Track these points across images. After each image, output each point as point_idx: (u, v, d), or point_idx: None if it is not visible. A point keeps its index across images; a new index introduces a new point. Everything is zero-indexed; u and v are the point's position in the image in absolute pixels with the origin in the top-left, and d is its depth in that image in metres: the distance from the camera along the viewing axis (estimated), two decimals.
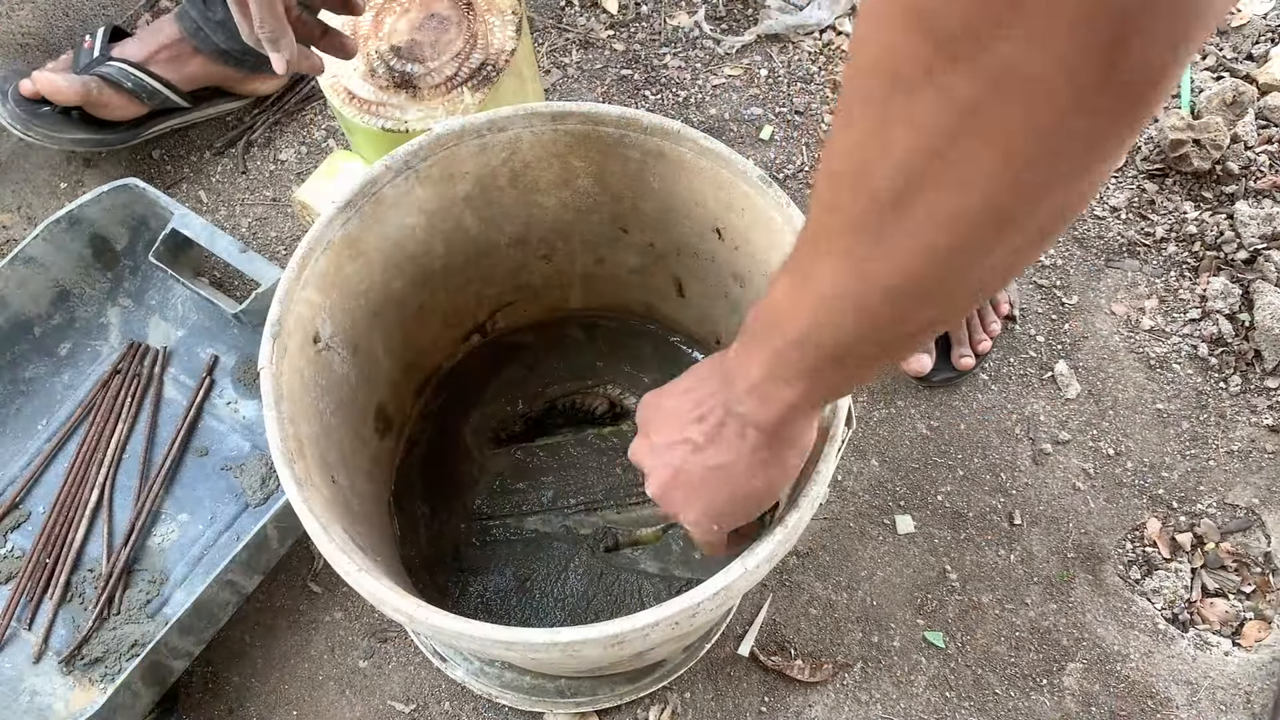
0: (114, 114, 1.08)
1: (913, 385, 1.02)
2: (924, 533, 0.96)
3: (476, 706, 0.91)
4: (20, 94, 1.05)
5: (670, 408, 0.55)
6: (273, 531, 0.87)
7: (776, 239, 0.67)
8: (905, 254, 0.36)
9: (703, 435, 0.52)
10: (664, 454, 0.54)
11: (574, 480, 0.85)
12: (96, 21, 1.19)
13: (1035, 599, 0.93)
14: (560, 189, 0.75)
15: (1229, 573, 0.94)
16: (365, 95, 0.89)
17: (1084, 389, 1.02)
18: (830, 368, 0.44)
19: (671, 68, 1.19)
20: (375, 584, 0.55)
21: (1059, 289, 1.06)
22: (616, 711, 0.90)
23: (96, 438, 0.98)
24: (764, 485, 0.53)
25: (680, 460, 0.53)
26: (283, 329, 0.63)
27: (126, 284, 1.05)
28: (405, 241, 0.73)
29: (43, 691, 0.89)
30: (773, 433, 0.50)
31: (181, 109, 1.12)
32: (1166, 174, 1.10)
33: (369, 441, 0.79)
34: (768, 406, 0.48)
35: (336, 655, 0.93)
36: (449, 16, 0.92)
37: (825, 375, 0.45)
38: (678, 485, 0.55)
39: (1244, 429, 0.99)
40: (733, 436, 0.51)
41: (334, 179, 0.99)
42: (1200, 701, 0.89)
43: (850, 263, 0.38)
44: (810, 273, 0.41)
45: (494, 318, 0.89)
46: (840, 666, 0.91)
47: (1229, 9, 0.69)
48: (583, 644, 0.52)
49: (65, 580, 0.92)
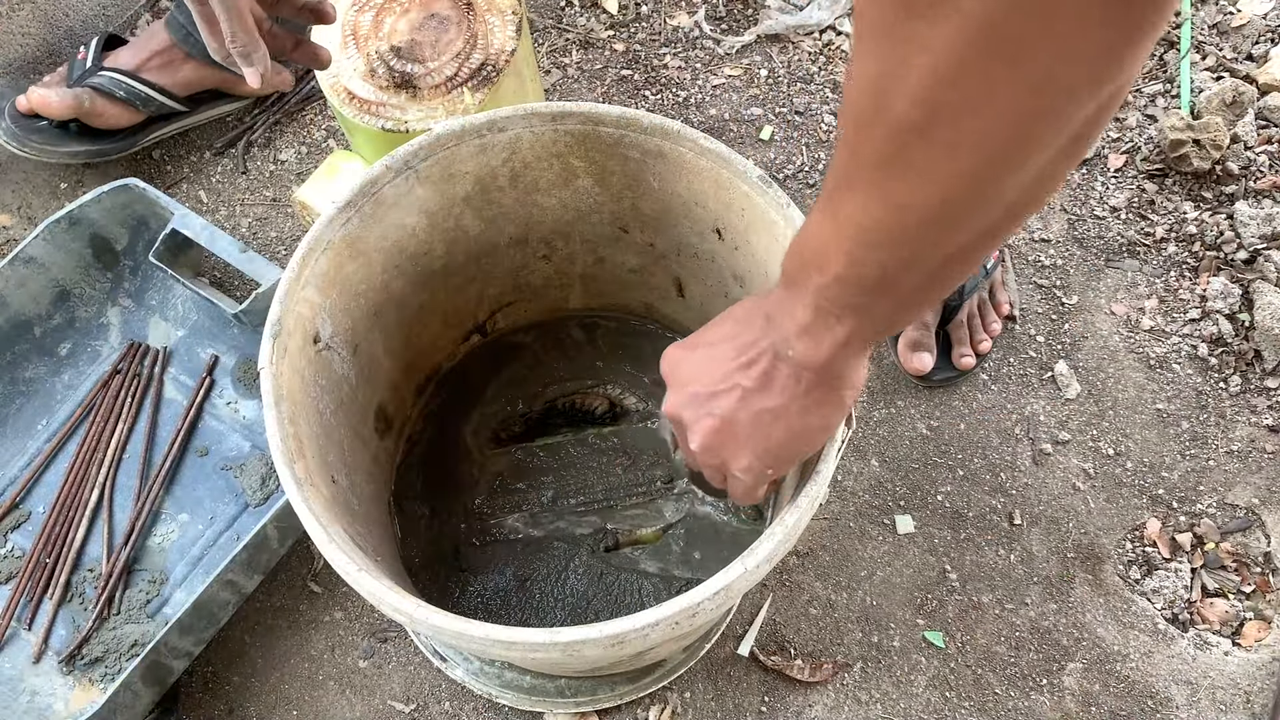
0: (110, 123, 1.08)
1: (913, 385, 1.02)
2: (924, 533, 0.96)
3: (476, 706, 0.91)
4: (16, 110, 1.06)
5: (708, 357, 0.54)
6: (273, 531, 0.87)
7: (776, 239, 0.67)
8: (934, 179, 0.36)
9: (753, 381, 0.51)
10: (708, 404, 0.53)
11: (574, 480, 0.85)
12: (97, 21, 1.19)
13: (1035, 599, 0.93)
14: (560, 189, 0.75)
15: (1229, 573, 0.94)
16: (365, 95, 0.89)
17: (1084, 389, 1.02)
18: (876, 301, 0.44)
19: (671, 68, 1.19)
20: (375, 584, 0.55)
21: (1059, 289, 1.06)
22: (616, 711, 0.90)
23: (96, 438, 0.98)
24: (820, 424, 0.52)
25: (728, 408, 0.52)
26: (283, 329, 0.63)
27: (126, 284, 1.05)
28: (405, 241, 0.73)
29: (43, 691, 0.89)
30: (826, 372, 0.49)
31: (179, 113, 1.12)
32: (1166, 174, 1.10)
33: (369, 441, 0.79)
34: (819, 347, 0.47)
35: (336, 655, 0.93)
36: (449, 16, 0.92)
37: (873, 310, 0.44)
38: (728, 434, 0.53)
39: (1244, 429, 0.99)
40: (786, 380, 0.50)
41: (334, 179, 0.99)
42: (1200, 701, 0.89)
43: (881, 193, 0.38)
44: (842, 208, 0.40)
45: (494, 318, 0.89)
46: (840, 666, 0.91)
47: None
48: (583, 644, 0.52)
49: (65, 580, 0.92)
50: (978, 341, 1.00)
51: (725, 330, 0.54)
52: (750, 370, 0.51)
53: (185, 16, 1.05)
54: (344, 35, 0.92)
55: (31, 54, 1.15)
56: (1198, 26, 1.17)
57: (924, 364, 0.98)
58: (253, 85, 0.70)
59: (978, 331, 1.00)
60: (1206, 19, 1.17)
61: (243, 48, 0.69)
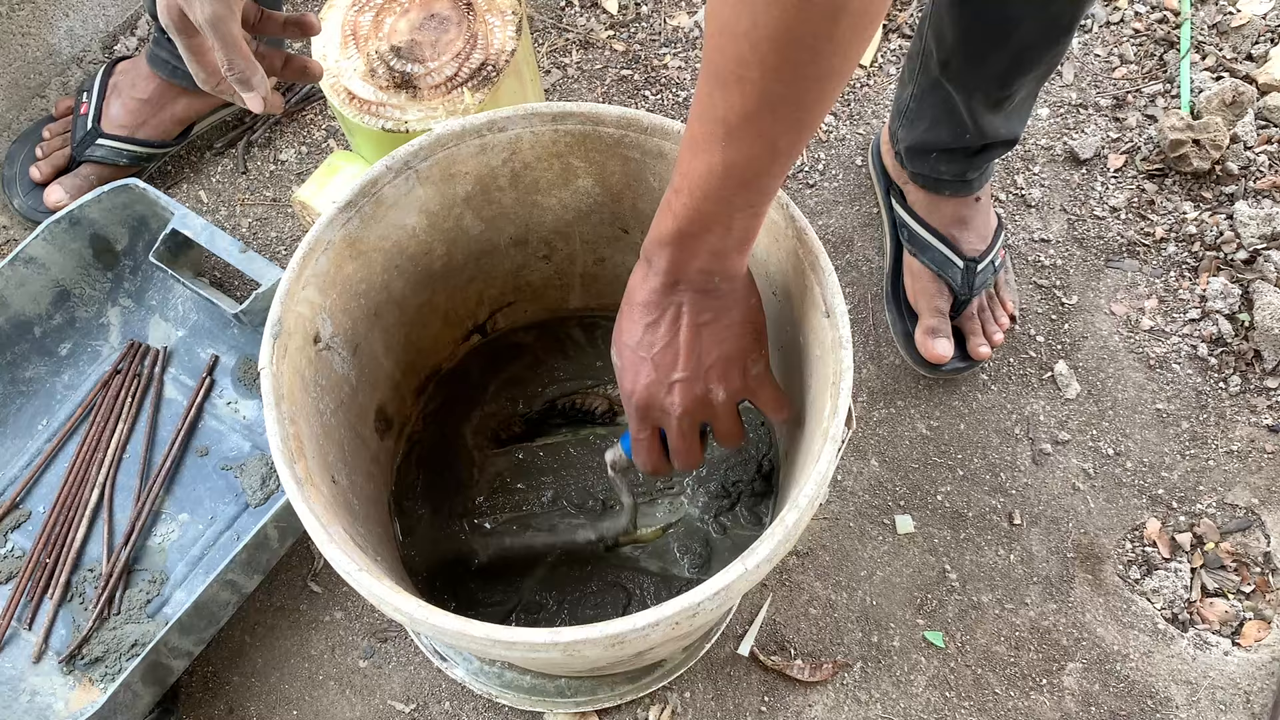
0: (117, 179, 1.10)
1: (913, 385, 1.02)
2: (924, 533, 0.96)
3: (476, 706, 0.91)
4: (30, 182, 1.10)
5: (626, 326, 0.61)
6: (273, 531, 0.87)
7: (776, 239, 0.67)
8: (769, 68, 0.46)
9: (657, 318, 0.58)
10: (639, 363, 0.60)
11: (574, 480, 0.85)
12: (96, 21, 1.19)
13: (1035, 599, 0.93)
14: (560, 189, 0.75)
15: (1228, 573, 0.94)
16: (365, 95, 0.89)
17: (1084, 389, 1.02)
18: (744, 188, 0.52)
19: (671, 68, 1.19)
20: (375, 584, 0.55)
21: (1059, 289, 1.06)
22: (616, 711, 0.90)
23: (96, 438, 0.98)
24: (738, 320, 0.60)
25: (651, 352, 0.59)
26: (283, 329, 0.63)
27: (126, 284, 1.05)
28: (405, 241, 0.73)
29: (43, 691, 0.89)
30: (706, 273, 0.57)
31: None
32: (1166, 174, 1.10)
33: (369, 441, 0.79)
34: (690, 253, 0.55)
35: (336, 655, 0.93)
36: (449, 16, 0.92)
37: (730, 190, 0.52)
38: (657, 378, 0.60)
39: (1244, 429, 0.99)
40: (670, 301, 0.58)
41: (334, 179, 0.99)
42: (1200, 701, 0.89)
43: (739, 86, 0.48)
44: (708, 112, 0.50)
45: (494, 318, 0.89)
46: (840, 666, 0.91)
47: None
48: (583, 644, 0.52)
49: (65, 580, 0.92)
50: (991, 333, 1.00)
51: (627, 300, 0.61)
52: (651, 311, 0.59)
53: (168, 51, 1.05)
54: (344, 35, 0.92)
55: (31, 54, 1.15)
56: (1198, 26, 1.17)
57: (944, 350, 0.98)
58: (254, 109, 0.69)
59: (989, 323, 1.00)
60: (1206, 19, 1.18)
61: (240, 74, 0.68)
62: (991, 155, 0.93)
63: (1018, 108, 0.89)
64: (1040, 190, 1.11)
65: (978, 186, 0.96)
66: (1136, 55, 1.17)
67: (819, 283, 0.63)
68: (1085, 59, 1.18)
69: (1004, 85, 0.84)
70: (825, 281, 0.63)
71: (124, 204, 1.00)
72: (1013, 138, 0.91)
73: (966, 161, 0.93)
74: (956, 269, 0.97)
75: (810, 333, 0.66)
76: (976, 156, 0.92)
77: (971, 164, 0.93)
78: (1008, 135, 0.90)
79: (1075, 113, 1.15)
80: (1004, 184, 1.11)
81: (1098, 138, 1.12)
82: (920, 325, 1.00)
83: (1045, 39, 0.80)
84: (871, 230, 1.10)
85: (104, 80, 1.10)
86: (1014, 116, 0.90)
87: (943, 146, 0.92)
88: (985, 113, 0.87)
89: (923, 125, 0.93)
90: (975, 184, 0.96)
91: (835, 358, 0.61)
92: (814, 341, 0.65)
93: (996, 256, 0.99)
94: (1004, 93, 0.85)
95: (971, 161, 0.93)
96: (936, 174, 0.95)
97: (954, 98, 0.86)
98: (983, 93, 0.85)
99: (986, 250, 0.98)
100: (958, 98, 0.86)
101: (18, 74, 1.15)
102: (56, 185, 1.09)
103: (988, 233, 0.99)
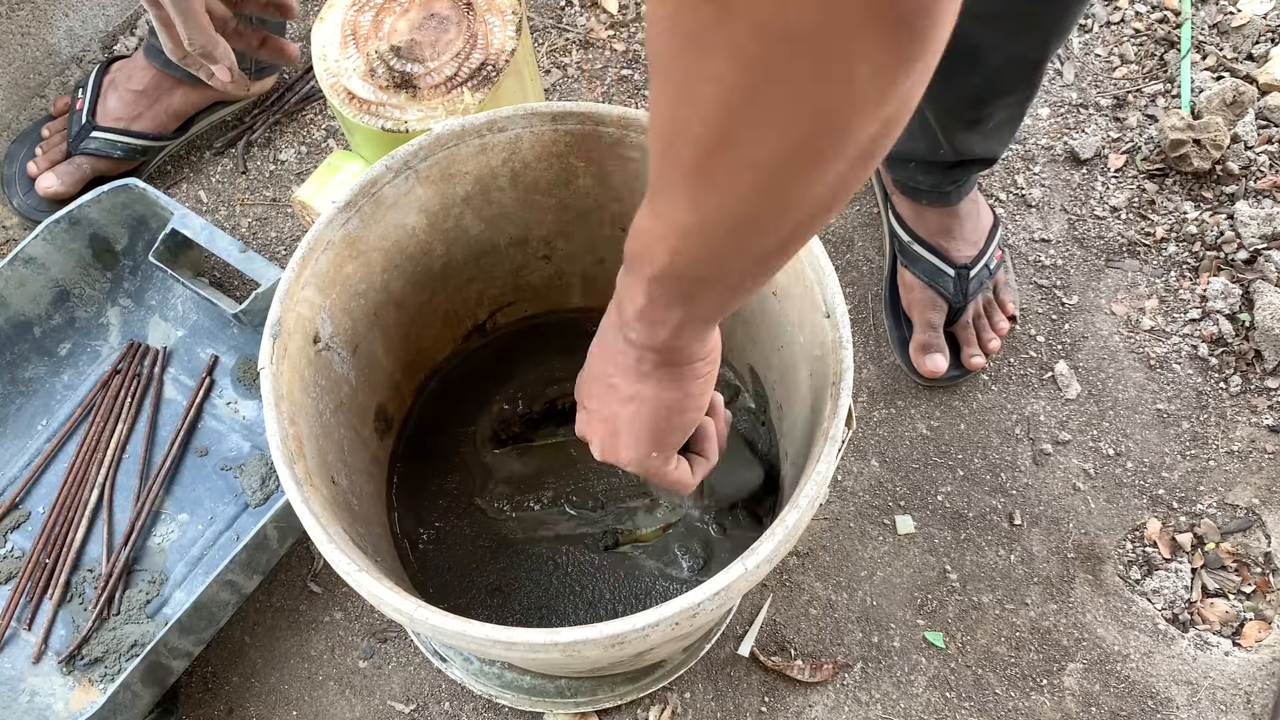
0: (112, 174, 1.11)
1: (913, 385, 1.02)
2: (924, 533, 0.96)
3: (476, 706, 0.91)
4: (29, 180, 1.10)
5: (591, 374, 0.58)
6: (273, 531, 0.87)
7: None
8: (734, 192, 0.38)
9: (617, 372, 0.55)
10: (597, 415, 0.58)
11: (574, 480, 0.85)
12: (96, 21, 1.19)
13: (1035, 599, 0.93)
14: (560, 189, 0.75)
15: (1229, 573, 0.94)
16: (365, 95, 0.89)
17: (1084, 389, 1.02)
18: (702, 292, 0.46)
19: None
20: (375, 584, 0.55)
21: (1059, 289, 1.06)
22: (616, 711, 0.90)
23: (96, 438, 0.98)
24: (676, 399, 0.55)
25: (608, 410, 0.56)
26: (283, 329, 0.63)
27: (126, 284, 1.05)
28: (405, 241, 0.73)
29: (42, 691, 0.89)
30: (669, 352, 0.52)
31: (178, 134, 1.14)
32: (1166, 174, 1.10)
33: (369, 441, 0.79)
34: (655, 330, 0.50)
35: (336, 655, 0.93)
36: (449, 16, 0.92)
37: (700, 299, 0.47)
38: (611, 435, 0.57)
39: (1244, 429, 0.99)
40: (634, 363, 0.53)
41: (334, 179, 0.99)
42: (1200, 702, 0.89)
43: (690, 201, 0.40)
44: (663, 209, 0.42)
45: (494, 317, 0.89)
46: (840, 666, 0.91)
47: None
48: (583, 644, 0.52)
49: (65, 580, 0.92)
50: (986, 341, 1.00)
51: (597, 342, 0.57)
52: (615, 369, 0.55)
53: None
54: (344, 35, 0.91)
55: (31, 54, 1.15)
56: (1198, 26, 1.17)
57: (937, 366, 0.97)
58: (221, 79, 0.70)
59: (985, 331, 1.00)
60: (1206, 19, 1.17)
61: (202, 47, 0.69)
62: (969, 171, 0.92)
63: (996, 129, 0.88)
64: (1040, 190, 1.11)
65: (955, 199, 0.96)
66: (1137, 55, 1.17)
67: (819, 283, 0.63)
68: (1086, 59, 1.18)
69: (977, 106, 0.84)
70: (825, 281, 0.63)
71: (123, 204, 1.00)
72: (991, 157, 0.91)
73: (943, 175, 0.93)
74: (948, 278, 0.97)
75: (810, 333, 0.66)
76: (953, 170, 0.92)
77: (947, 177, 0.93)
78: (985, 154, 0.90)
79: (1075, 112, 1.15)
80: (1004, 184, 1.11)
81: (1098, 137, 1.12)
82: (914, 340, 0.99)
83: (1017, 68, 0.80)
84: (871, 230, 1.10)
85: (99, 77, 1.10)
86: (993, 137, 0.89)
87: (919, 158, 0.92)
88: (959, 131, 0.86)
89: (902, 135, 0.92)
90: (953, 196, 0.96)
91: (835, 358, 0.61)
92: (814, 342, 0.65)
93: (991, 259, 0.99)
94: (978, 114, 0.84)
95: (948, 175, 0.93)
96: (915, 183, 0.95)
97: (926, 114, 0.86)
98: (956, 112, 0.85)
99: (979, 256, 0.98)
100: (930, 114, 0.86)
101: (17, 74, 1.15)
102: (50, 173, 1.08)
103: (979, 237, 0.99)
